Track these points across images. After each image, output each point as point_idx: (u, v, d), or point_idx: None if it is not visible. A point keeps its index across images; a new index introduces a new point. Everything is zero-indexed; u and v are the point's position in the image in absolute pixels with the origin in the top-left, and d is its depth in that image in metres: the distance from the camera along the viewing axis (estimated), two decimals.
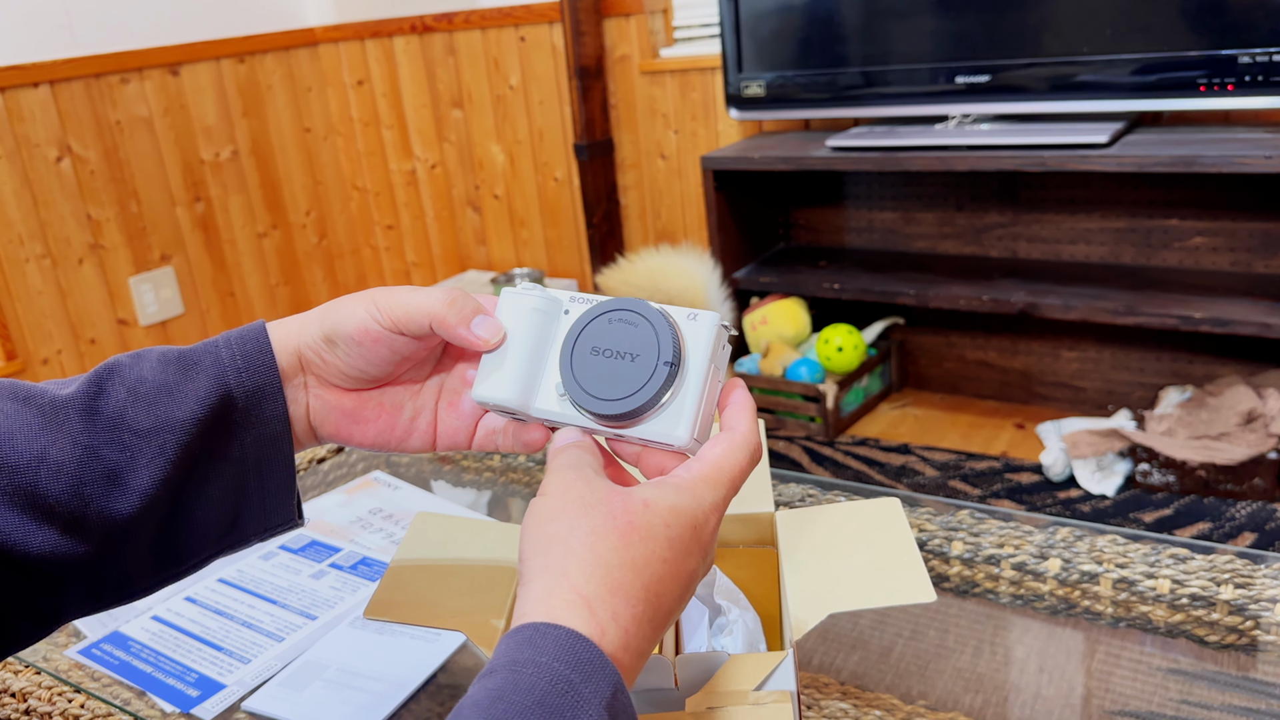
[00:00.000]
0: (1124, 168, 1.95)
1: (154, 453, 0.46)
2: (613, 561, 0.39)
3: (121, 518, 0.46)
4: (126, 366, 0.48)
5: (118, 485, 0.46)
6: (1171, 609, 0.74)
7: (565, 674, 0.36)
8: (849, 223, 2.66)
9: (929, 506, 0.89)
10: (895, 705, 0.69)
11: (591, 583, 0.38)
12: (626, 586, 0.39)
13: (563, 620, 0.37)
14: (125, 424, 0.46)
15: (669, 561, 0.40)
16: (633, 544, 0.39)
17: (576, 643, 0.37)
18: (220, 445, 0.48)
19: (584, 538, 0.40)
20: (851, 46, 2.30)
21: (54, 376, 2.79)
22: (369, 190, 3.52)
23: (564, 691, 0.35)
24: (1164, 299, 2.07)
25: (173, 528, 0.48)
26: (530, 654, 0.36)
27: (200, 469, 0.48)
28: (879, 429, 2.46)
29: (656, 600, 0.39)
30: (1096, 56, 2.02)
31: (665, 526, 0.40)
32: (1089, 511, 1.98)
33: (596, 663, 0.36)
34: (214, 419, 0.47)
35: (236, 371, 0.48)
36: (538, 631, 0.37)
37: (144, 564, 0.48)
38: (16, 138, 2.65)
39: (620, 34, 2.81)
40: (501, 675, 0.36)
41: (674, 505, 0.41)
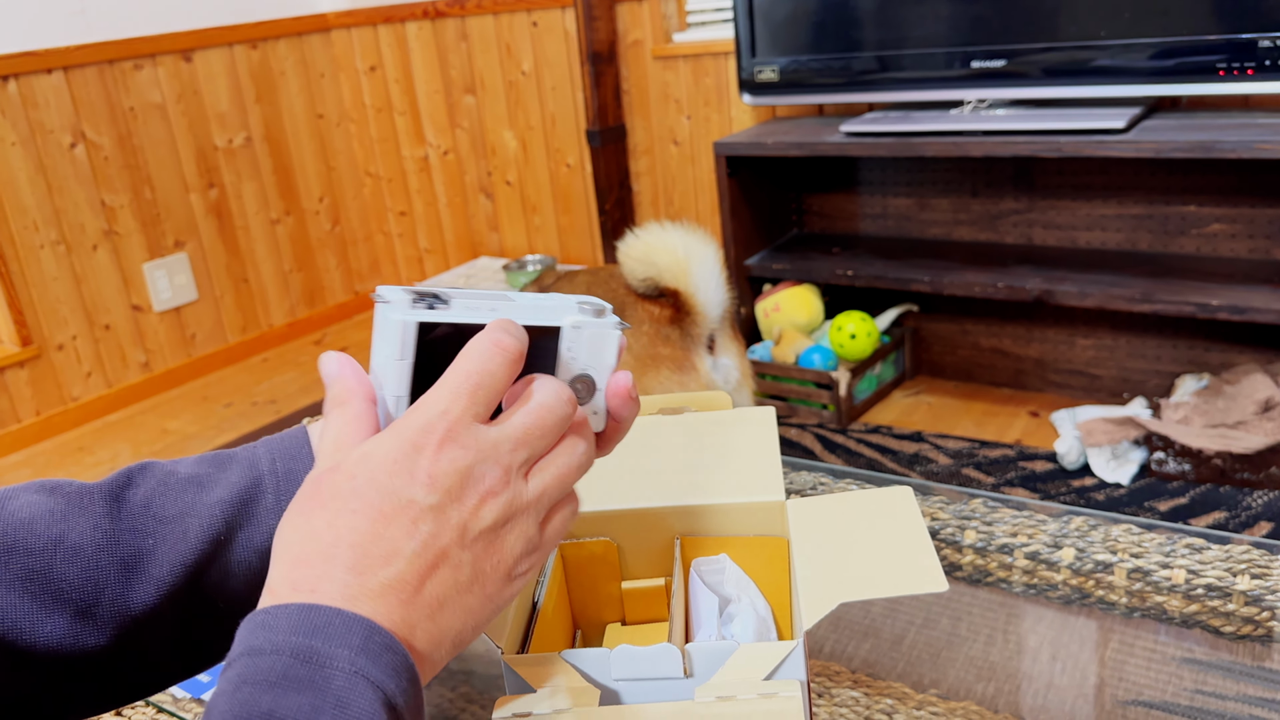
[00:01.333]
0: (1141, 153, 1.93)
1: (176, 539, 0.45)
2: (310, 531, 0.38)
3: (137, 608, 0.44)
4: (162, 462, 0.47)
5: (136, 573, 0.44)
6: (1187, 599, 0.74)
7: (304, 644, 0.35)
8: (863, 209, 2.65)
9: (942, 495, 0.89)
10: (907, 694, 0.69)
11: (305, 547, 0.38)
12: (327, 548, 0.37)
13: (301, 597, 0.36)
14: (150, 511, 0.45)
15: (358, 511, 0.38)
16: (313, 516, 0.38)
17: (309, 611, 0.36)
18: (246, 531, 0.46)
19: (280, 532, 0.39)
20: (866, 31, 2.29)
21: (69, 362, 2.81)
22: (382, 176, 3.52)
23: (306, 660, 0.34)
24: (1181, 286, 2.05)
25: (192, 621, 0.46)
26: (265, 636, 0.35)
27: (224, 557, 0.46)
28: (892, 417, 2.46)
29: (356, 550, 0.37)
30: (1114, 41, 2.00)
31: (350, 479, 0.38)
32: (1103, 500, 1.97)
33: (334, 620, 0.35)
34: (241, 504, 0.46)
35: (270, 460, 0.47)
36: (268, 614, 0.36)
37: (161, 659, 0.47)
38: (31, 124, 2.66)
39: (633, 18, 2.80)
40: (241, 663, 0.35)
41: (365, 452, 0.39)
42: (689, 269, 1.74)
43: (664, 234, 1.77)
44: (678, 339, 1.80)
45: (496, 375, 0.40)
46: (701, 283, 1.76)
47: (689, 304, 1.75)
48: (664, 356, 1.84)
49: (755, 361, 2.51)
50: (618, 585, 0.59)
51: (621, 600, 0.59)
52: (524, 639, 0.52)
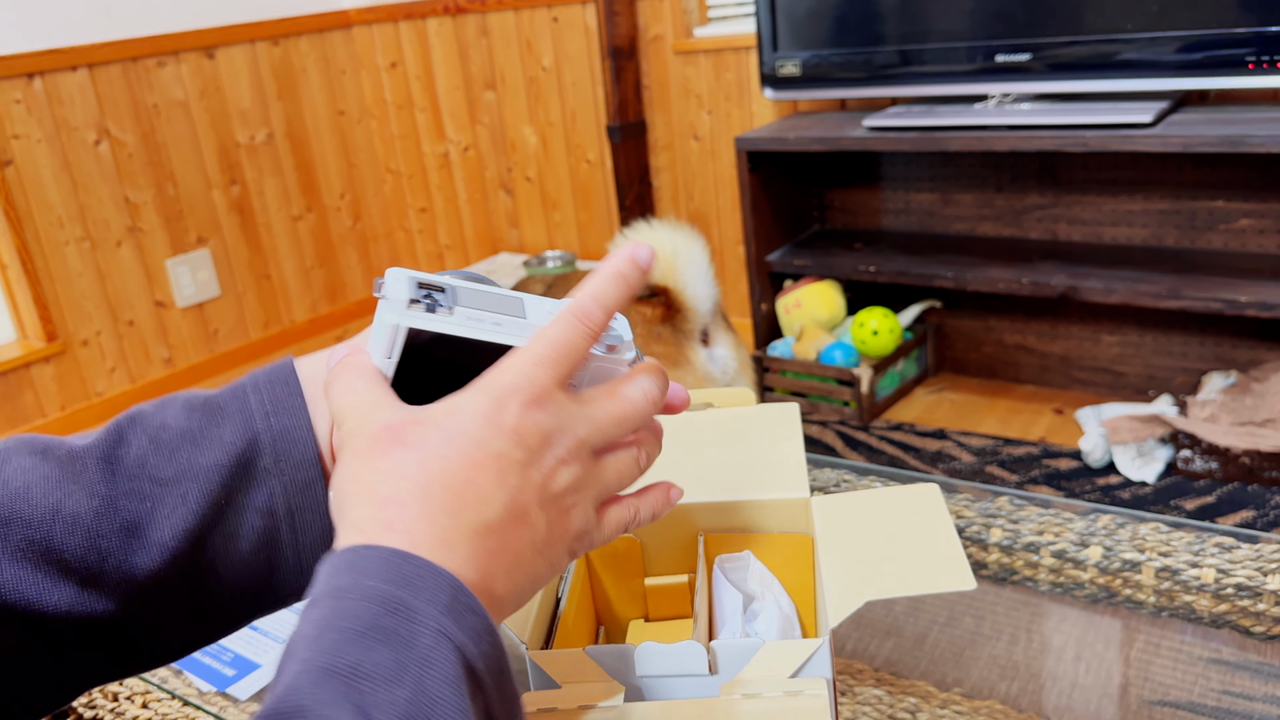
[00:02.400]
0: (1169, 148, 1.91)
1: (175, 502, 0.44)
2: (376, 481, 0.38)
3: (142, 573, 0.44)
4: (150, 414, 0.46)
5: (136, 538, 0.44)
6: (1216, 599, 0.73)
7: (394, 593, 0.34)
8: (885, 204, 2.64)
9: (967, 493, 0.88)
10: (930, 692, 0.68)
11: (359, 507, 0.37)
12: (398, 493, 0.37)
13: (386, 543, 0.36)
14: (146, 473, 0.44)
15: (449, 457, 0.38)
16: (396, 458, 0.38)
17: (401, 559, 0.35)
18: (247, 493, 0.45)
19: (349, 477, 0.39)
20: (889, 24, 2.27)
21: (94, 357, 2.83)
22: (402, 173, 3.53)
23: (394, 610, 0.34)
24: (1208, 282, 2.03)
25: (200, 586, 0.46)
26: (353, 578, 0.35)
27: (226, 520, 0.45)
28: (915, 414, 2.44)
29: (451, 492, 0.37)
30: (1141, 34, 1.98)
31: (438, 427, 0.38)
32: (1129, 498, 1.96)
33: (425, 573, 0.35)
34: (239, 465, 0.45)
35: (264, 415, 0.46)
36: (357, 554, 0.35)
37: (171, 625, 0.46)
38: (56, 121, 2.68)
39: (654, 13, 2.79)
40: (327, 604, 0.34)
41: (450, 407, 0.39)
42: (676, 265, 1.75)
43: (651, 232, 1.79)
44: (669, 336, 1.82)
45: (579, 348, 0.41)
46: (690, 278, 1.77)
47: (678, 300, 1.77)
48: (656, 354, 1.85)
49: (776, 358, 2.50)
50: (641, 582, 0.59)
51: (645, 597, 0.59)
52: (548, 634, 0.52)
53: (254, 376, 0.47)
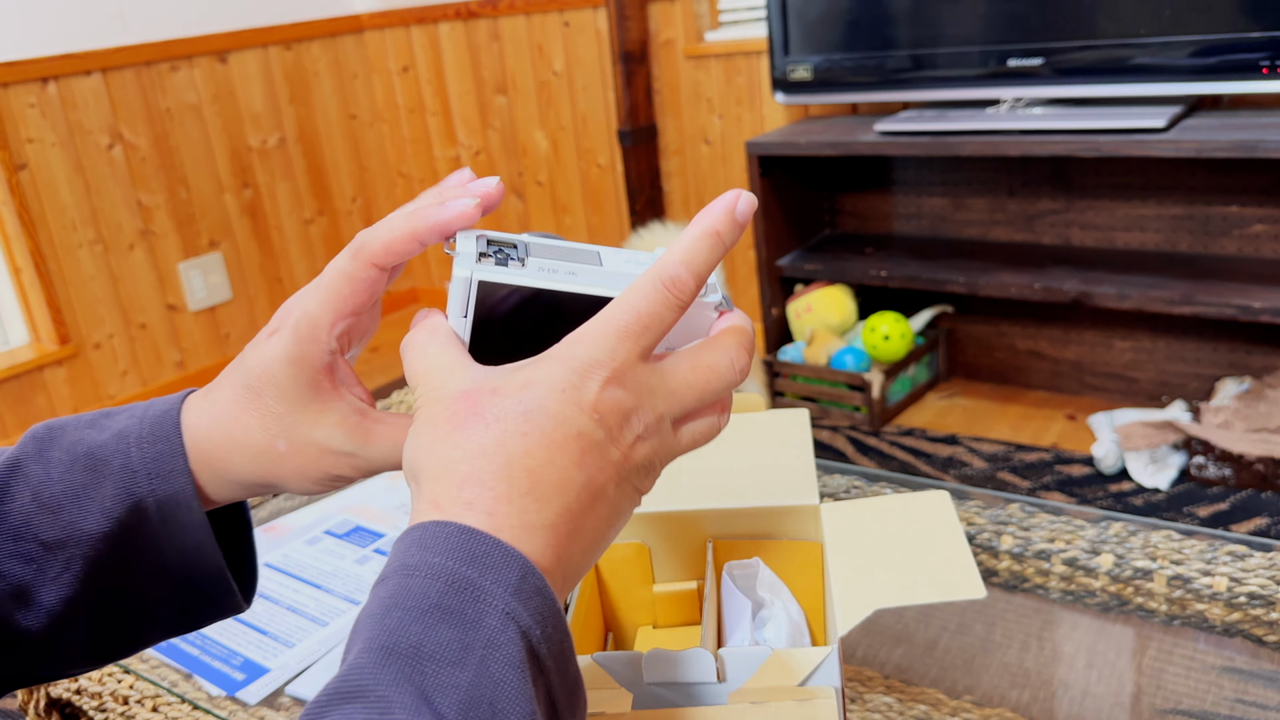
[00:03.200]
0: (1182, 153, 1.90)
1: (60, 567, 0.43)
2: (455, 457, 0.36)
3: (32, 633, 0.43)
4: (31, 463, 0.44)
5: (24, 603, 0.43)
6: (1229, 607, 0.72)
7: (461, 571, 0.33)
8: (897, 209, 2.63)
9: (978, 500, 0.87)
10: (940, 700, 0.68)
11: (439, 485, 0.36)
12: (479, 472, 0.36)
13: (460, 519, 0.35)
14: (31, 534, 0.43)
15: (529, 434, 0.36)
16: (474, 433, 0.37)
17: (470, 537, 0.34)
18: (136, 556, 0.44)
19: (426, 449, 0.37)
20: (900, 29, 2.27)
21: (106, 360, 2.85)
22: (414, 177, 3.54)
23: (461, 589, 0.33)
24: (1222, 288, 2.02)
25: (97, 633, 0.45)
26: (421, 556, 0.34)
27: (117, 583, 0.44)
28: (926, 419, 2.43)
29: (532, 474, 0.36)
30: (1154, 38, 1.97)
31: (516, 401, 0.37)
32: (1141, 505, 1.95)
33: (494, 552, 0.34)
34: (124, 531, 0.43)
35: (147, 477, 0.43)
36: (426, 531, 0.35)
37: (71, 663, 0.46)
38: (70, 125, 2.70)
39: (665, 18, 2.80)
40: (394, 581, 0.34)
41: (527, 379, 0.37)
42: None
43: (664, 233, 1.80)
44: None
45: (665, 319, 0.39)
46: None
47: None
48: None
49: (787, 363, 2.49)
50: (649, 588, 0.59)
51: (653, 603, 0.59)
52: None
53: (140, 423, 0.45)
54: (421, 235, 0.41)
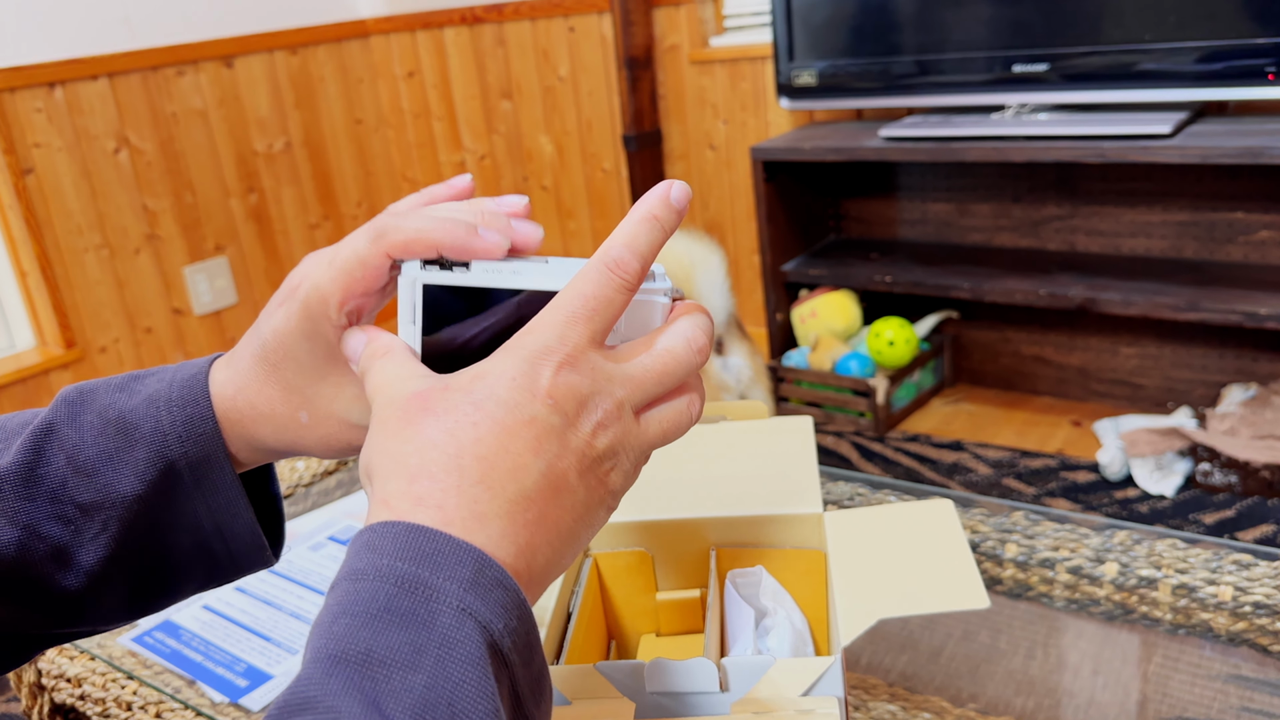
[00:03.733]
0: (1187, 159, 1.90)
1: (98, 528, 0.44)
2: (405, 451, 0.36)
3: (72, 592, 0.44)
4: (64, 427, 0.45)
5: (64, 564, 0.44)
6: (1234, 616, 0.72)
7: (410, 571, 0.32)
8: (901, 214, 2.63)
9: (982, 507, 0.87)
10: (945, 708, 0.68)
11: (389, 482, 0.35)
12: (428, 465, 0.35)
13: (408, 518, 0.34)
14: (67, 495, 0.44)
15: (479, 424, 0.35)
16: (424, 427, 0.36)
17: (418, 534, 0.33)
18: (171, 516, 0.45)
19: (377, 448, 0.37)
20: (906, 34, 2.27)
21: (111, 364, 2.85)
22: (419, 182, 3.54)
23: (411, 590, 0.32)
24: (1228, 294, 2.01)
25: (134, 589, 0.46)
26: (369, 559, 0.33)
27: (153, 542, 0.45)
28: (931, 425, 2.43)
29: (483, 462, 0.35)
30: (1159, 44, 1.97)
31: (465, 393, 0.36)
32: (1147, 512, 1.94)
33: (445, 548, 0.33)
34: (158, 493, 0.44)
35: (179, 440, 0.44)
36: (374, 533, 0.34)
37: (107, 619, 0.47)
38: (76, 129, 2.70)
39: (670, 23, 2.80)
40: (342, 587, 0.33)
41: (478, 372, 0.37)
42: (693, 275, 1.75)
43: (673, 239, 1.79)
44: None
45: (614, 302, 0.39)
46: (706, 288, 1.77)
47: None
48: None
49: (791, 369, 2.49)
50: (653, 596, 0.58)
51: (656, 611, 0.58)
52: (559, 649, 0.51)
53: (169, 386, 0.46)
54: (444, 249, 0.41)
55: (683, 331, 0.40)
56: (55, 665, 0.81)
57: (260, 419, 0.45)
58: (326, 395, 0.45)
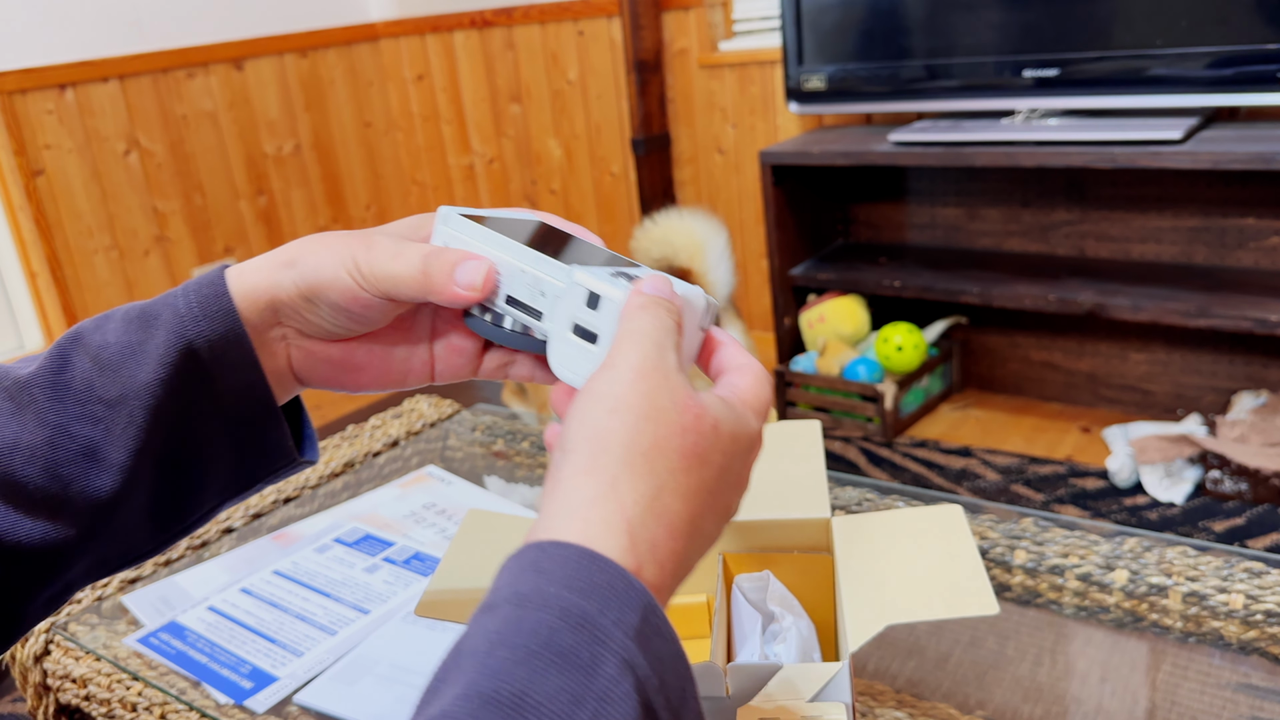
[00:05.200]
0: (1198, 165, 1.89)
1: (125, 421, 0.44)
2: (668, 485, 0.34)
3: (106, 493, 0.44)
4: (90, 332, 0.46)
5: (95, 462, 0.44)
6: (1245, 625, 0.72)
7: (578, 605, 0.30)
8: (910, 219, 2.62)
9: (991, 514, 0.87)
10: (952, 715, 0.67)
11: (639, 505, 0.33)
12: (673, 516, 0.34)
13: (594, 543, 0.32)
14: (94, 395, 0.44)
15: (717, 494, 0.35)
16: (691, 469, 0.35)
17: (591, 563, 0.31)
18: (194, 401, 0.45)
19: (647, 449, 0.34)
20: (915, 39, 2.26)
21: None
22: (428, 184, 3.55)
23: (577, 626, 0.30)
24: (1239, 300, 2.00)
25: (166, 491, 0.46)
26: (535, 583, 0.31)
27: (178, 430, 0.45)
28: (939, 431, 2.42)
29: (697, 534, 0.35)
30: (1170, 49, 1.96)
31: (723, 455, 0.36)
32: (1156, 519, 1.93)
33: (618, 585, 0.31)
34: (179, 376, 0.45)
35: (195, 320, 0.45)
36: (543, 553, 0.32)
37: (143, 530, 0.47)
38: (87, 131, 2.71)
39: (679, 27, 2.80)
40: (503, 612, 0.30)
41: (735, 433, 0.37)
42: (702, 251, 1.85)
43: (681, 218, 1.91)
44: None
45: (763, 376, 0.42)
46: (713, 263, 1.90)
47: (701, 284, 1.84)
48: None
49: (799, 373, 2.49)
50: None
51: None
52: None
53: (186, 284, 0.47)
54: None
55: (762, 375, 0.42)
56: (60, 666, 0.81)
57: (285, 266, 0.45)
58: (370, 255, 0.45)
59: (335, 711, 0.72)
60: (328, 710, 0.73)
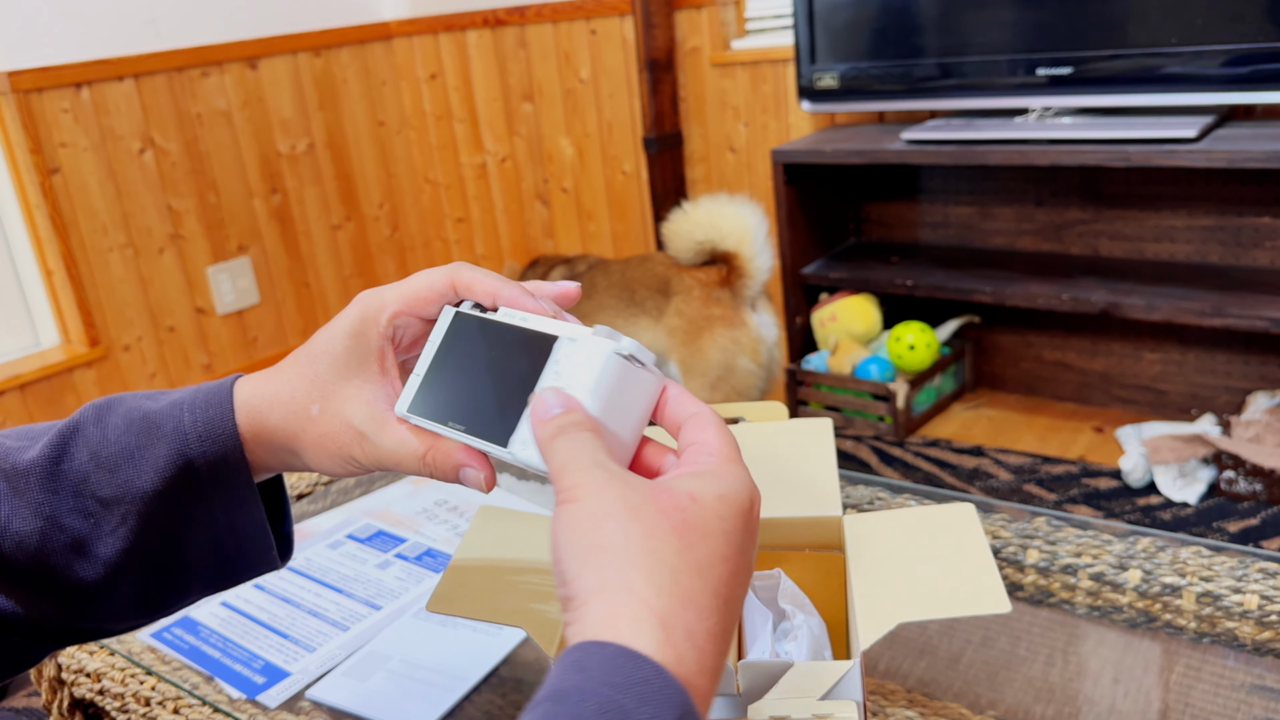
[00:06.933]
0: (1213, 163, 1.88)
1: (116, 522, 0.45)
2: (679, 567, 0.33)
3: (90, 584, 0.45)
4: (90, 426, 0.47)
5: (82, 555, 0.45)
6: (1260, 625, 0.71)
7: (615, 700, 0.30)
8: (923, 218, 2.62)
9: (1004, 513, 0.86)
10: (964, 715, 0.67)
11: (661, 596, 0.33)
12: (696, 595, 0.33)
13: (630, 641, 0.32)
14: (88, 490, 0.45)
15: (728, 559, 0.35)
16: (694, 545, 0.34)
17: (630, 661, 0.31)
18: (188, 513, 0.47)
19: (642, 543, 0.34)
20: (928, 37, 2.26)
21: (135, 362, 2.87)
22: (440, 183, 3.56)
23: (612, 717, 0.30)
24: (1253, 300, 1.99)
25: (149, 587, 0.47)
26: (575, 680, 0.31)
27: (168, 537, 0.47)
28: (951, 430, 2.42)
29: (725, 606, 0.34)
30: (1185, 47, 1.95)
31: (719, 519, 0.35)
32: (1169, 519, 1.92)
33: (656, 682, 0.31)
34: (176, 489, 0.46)
35: (199, 439, 0.46)
36: (584, 652, 0.32)
37: (123, 616, 0.48)
38: (102, 130, 2.73)
39: (691, 26, 2.80)
40: (543, 708, 0.31)
41: (721, 494, 0.36)
42: (749, 236, 1.87)
43: (727, 202, 1.96)
44: (728, 300, 1.99)
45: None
46: (758, 249, 1.98)
47: (745, 266, 1.93)
48: (716, 316, 1.99)
49: (811, 372, 2.48)
50: None
51: None
52: None
53: (194, 394, 0.48)
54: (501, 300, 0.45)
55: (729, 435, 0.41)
56: (75, 660, 0.82)
57: (276, 404, 0.47)
58: (344, 395, 0.46)
59: (347, 707, 0.72)
60: (340, 705, 0.73)
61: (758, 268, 1.97)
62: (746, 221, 1.93)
